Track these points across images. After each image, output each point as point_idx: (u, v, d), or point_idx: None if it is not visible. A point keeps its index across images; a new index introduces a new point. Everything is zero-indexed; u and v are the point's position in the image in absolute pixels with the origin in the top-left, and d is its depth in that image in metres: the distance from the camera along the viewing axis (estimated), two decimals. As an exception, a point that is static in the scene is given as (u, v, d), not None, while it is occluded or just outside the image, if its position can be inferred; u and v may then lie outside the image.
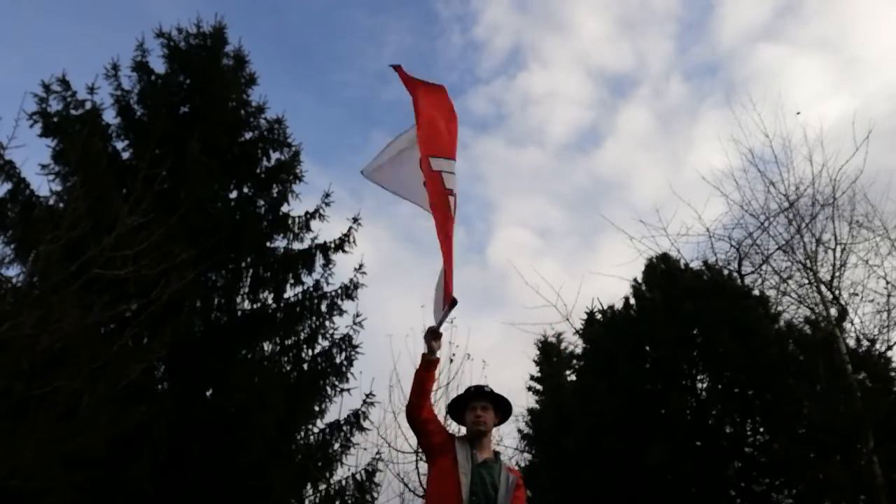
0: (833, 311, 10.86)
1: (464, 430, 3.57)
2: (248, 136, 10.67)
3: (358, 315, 10.00)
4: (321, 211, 10.30)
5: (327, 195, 10.32)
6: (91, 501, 6.55)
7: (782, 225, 11.93)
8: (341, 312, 9.97)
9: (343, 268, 17.12)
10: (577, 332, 12.37)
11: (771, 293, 11.61)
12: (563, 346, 14.50)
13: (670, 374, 10.38)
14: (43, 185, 11.04)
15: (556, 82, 43.19)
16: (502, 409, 3.58)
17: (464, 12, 45.23)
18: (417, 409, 3.36)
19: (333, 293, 9.98)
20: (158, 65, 10.36)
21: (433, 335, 3.44)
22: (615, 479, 9.47)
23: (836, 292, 11.11)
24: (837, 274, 11.24)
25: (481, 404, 3.45)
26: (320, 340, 9.79)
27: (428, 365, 3.41)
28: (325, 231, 13.25)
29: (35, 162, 9.15)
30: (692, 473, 9.28)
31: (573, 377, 12.70)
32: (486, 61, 44.65)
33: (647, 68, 40.12)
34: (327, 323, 9.88)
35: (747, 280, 11.96)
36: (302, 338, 9.71)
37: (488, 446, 3.42)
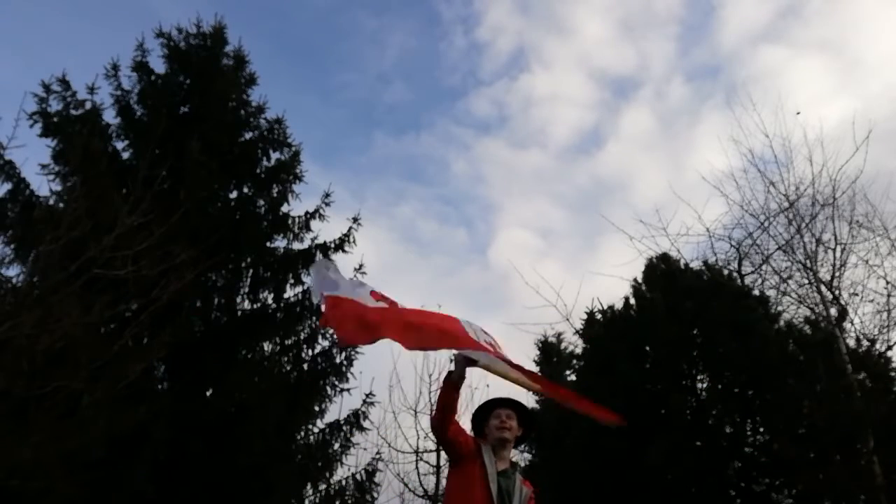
0: (833, 311, 10.84)
1: None
2: (248, 136, 10.67)
3: (358, 315, 9.99)
4: (321, 211, 10.32)
5: (327, 195, 10.35)
6: (91, 501, 6.55)
7: (782, 225, 11.89)
8: (341, 312, 9.96)
9: (343, 268, 17.04)
10: (577, 332, 12.37)
11: (771, 293, 11.60)
12: (563, 346, 14.45)
13: (670, 374, 10.38)
14: (43, 185, 11.04)
15: (559, 84, 43.20)
16: (525, 421, 3.51)
17: (466, 14, 45.23)
18: (445, 426, 3.29)
19: (333, 293, 9.97)
20: (158, 65, 10.38)
21: (469, 363, 3.35)
22: (615, 479, 9.47)
23: (836, 292, 11.08)
24: (837, 274, 11.21)
25: (506, 412, 3.41)
26: (320, 340, 9.79)
27: (457, 386, 3.31)
28: (325, 231, 13.26)
29: (35, 162, 9.16)
30: (692, 473, 9.28)
31: (573, 377, 12.67)
32: (489, 63, 44.67)
33: (649, 70, 40.14)
34: (327, 323, 9.87)
35: (747, 280, 11.93)
36: (302, 338, 9.71)
37: (507, 457, 3.38)
